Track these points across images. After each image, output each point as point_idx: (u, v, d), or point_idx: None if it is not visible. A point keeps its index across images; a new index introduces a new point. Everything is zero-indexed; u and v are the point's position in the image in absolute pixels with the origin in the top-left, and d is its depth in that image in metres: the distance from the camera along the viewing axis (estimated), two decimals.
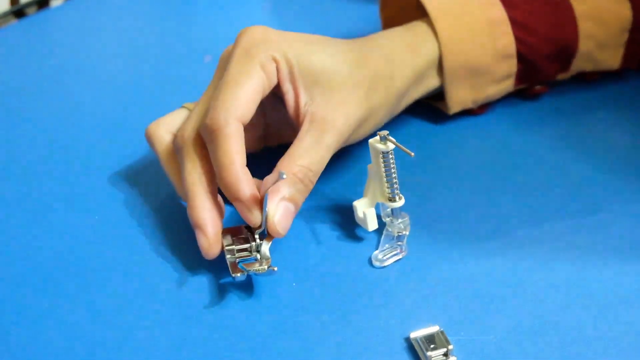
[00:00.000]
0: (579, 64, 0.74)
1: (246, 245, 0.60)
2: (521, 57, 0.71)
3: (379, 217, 0.63)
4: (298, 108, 0.62)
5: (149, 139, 0.65)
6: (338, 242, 0.63)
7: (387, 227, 0.63)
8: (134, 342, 0.56)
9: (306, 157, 0.61)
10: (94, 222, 0.66)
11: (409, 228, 0.63)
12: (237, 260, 0.59)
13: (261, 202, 0.59)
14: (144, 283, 0.61)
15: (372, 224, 0.62)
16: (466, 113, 0.75)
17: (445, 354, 0.54)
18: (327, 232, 0.64)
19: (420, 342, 0.55)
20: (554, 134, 0.73)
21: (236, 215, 0.62)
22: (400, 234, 0.62)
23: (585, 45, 0.72)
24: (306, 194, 0.61)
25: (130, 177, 0.70)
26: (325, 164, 0.62)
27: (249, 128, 0.62)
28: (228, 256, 0.59)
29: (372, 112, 0.65)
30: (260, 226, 0.59)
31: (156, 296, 0.60)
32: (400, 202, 0.62)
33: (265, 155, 0.67)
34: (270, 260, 0.59)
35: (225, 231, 0.61)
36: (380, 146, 0.60)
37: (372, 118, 0.65)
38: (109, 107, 0.80)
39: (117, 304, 0.59)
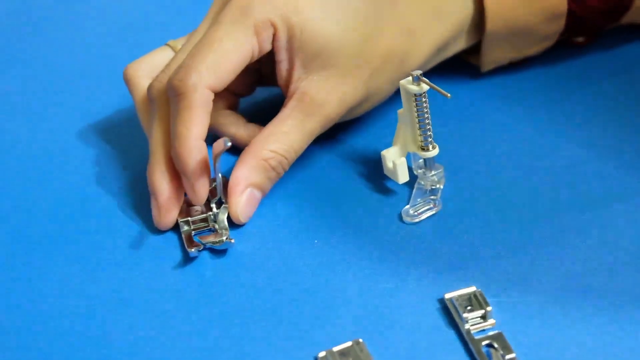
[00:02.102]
0: (630, 17, 0.68)
1: (203, 216, 0.56)
2: (571, 15, 0.64)
3: (410, 169, 0.58)
4: (290, 81, 0.57)
5: (127, 82, 0.60)
6: (365, 196, 0.58)
7: (419, 180, 0.57)
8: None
9: (283, 142, 0.56)
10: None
11: (443, 181, 0.57)
12: (193, 232, 0.55)
13: (207, 172, 0.55)
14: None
15: (403, 176, 0.57)
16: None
17: (483, 316, 0.49)
18: (353, 185, 0.59)
19: (455, 303, 0.50)
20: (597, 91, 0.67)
21: None
22: (433, 187, 0.57)
23: None
24: (276, 181, 0.57)
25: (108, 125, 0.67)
26: (303, 149, 0.57)
27: (243, 75, 0.58)
28: (184, 228, 0.56)
29: (370, 95, 0.59)
30: (215, 194, 0.55)
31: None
32: (434, 152, 0.56)
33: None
34: (228, 231, 0.55)
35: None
36: (413, 87, 0.54)
37: (370, 102, 0.60)
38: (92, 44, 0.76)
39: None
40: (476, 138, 0.62)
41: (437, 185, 0.57)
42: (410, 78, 0.54)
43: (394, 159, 0.57)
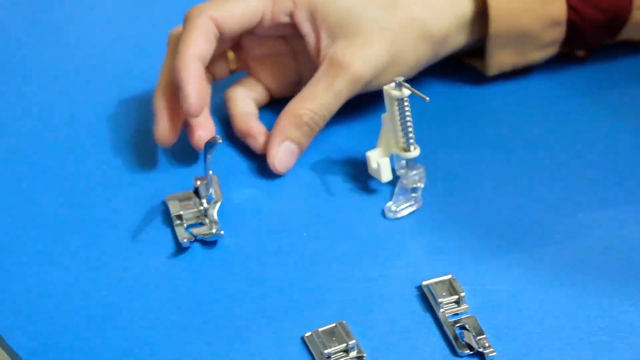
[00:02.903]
0: (628, 33, 0.70)
1: (194, 210, 0.60)
2: (571, 25, 0.67)
3: (393, 169, 0.62)
4: (319, 50, 0.62)
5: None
6: (351, 194, 0.62)
7: (401, 179, 0.61)
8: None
9: (315, 100, 0.60)
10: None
11: (424, 180, 0.61)
12: (185, 225, 0.59)
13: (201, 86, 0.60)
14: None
15: (386, 175, 0.61)
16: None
17: (457, 302, 0.53)
18: (340, 183, 0.62)
19: (431, 290, 0.53)
20: (595, 100, 0.70)
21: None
22: (414, 186, 0.61)
23: (638, 15, 0.68)
24: (311, 137, 0.61)
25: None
26: (335, 109, 0.61)
27: (280, 70, 0.64)
28: (176, 222, 0.59)
29: (397, 58, 0.63)
30: (207, 190, 0.59)
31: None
32: (415, 153, 0.60)
33: None
34: (218, 224, 0.58)
35: (174, 197, 0.60)
36: (395, 93, 0.58)
37: (398, 65, 0.63)
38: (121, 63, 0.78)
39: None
40: (456, 141, 0.66)
41: (418, 184, 0.61)
42: (392, 84, 0.58)
43: (378, 160, 0.61)
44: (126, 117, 0.70)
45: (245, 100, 0.66)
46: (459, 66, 0.71)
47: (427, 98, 0.57)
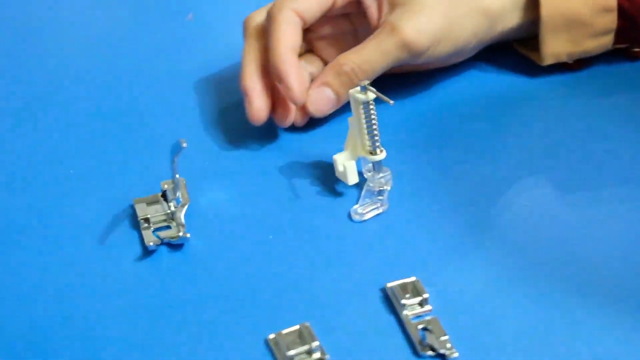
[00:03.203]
0: None
1: (161, 213, 0.60)
2: (622, 12, 0.68)
3: (361, 173, 0.62)
4: (379, 19, 0.66)
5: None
6: (317, 197, 0.62)
7: (368, 182, 0.62)
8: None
9: (360, 53, 0.64)
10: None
11: (390, 183, 0.62)
12: (152, 228, 0.59)
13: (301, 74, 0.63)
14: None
15: (352, 178, 0.61)
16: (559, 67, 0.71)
17: (421, 303, 0.53)
18: (307, 186, 0.63)
19: (395, 292, 0.54)
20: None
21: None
22: (381, 189, 0.61)
23: None
24: (348, 87, 0.62)
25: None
26: (379, 67, 0.64)
27: (341, 47, 0.66)
28: (144, 225, 0.59)
29: (452, 28, 0.65)
30: (175, 193, 0.60)
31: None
32: (381, 156, 0.60)
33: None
34: (185, 226, 0.58)
35: (141, 200, 0.61)
36: (361, 96, 0.58)
37: (453, 35, 0.65)
38: (89, 67, 0.78)
39: None
40: (423, 144, 0.66)
41: (385, 187, 0.61)
42: (358, 87, 0.59)
43: (344, 162, 0.61)
44: (95, 120, 0.70)
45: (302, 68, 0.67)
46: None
47: (392, 102, 0.57)
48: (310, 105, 0.64)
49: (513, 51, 0.72)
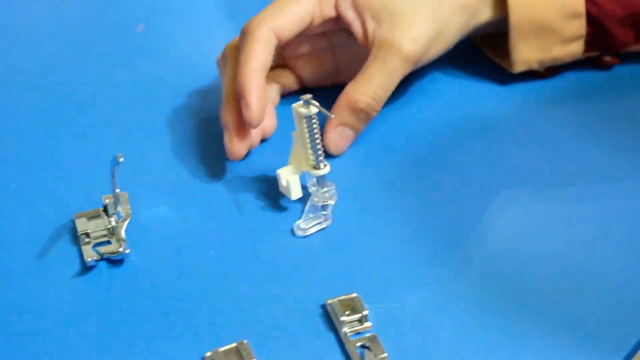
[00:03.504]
0: None
1: (102, 227, 0.59)
2: (591, 19, 0.68)
3: (305, 188, 0.61)
4: (366, 35, 0.64)
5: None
6: (261, 212, 0.61)
7: (312, 196, 0.61)
8: None
9: (370, 83, 0.63)
10: None
11: (335, 197, 0.61)
12: (92, 243, 0.58)
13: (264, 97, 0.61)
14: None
15: (296, 193, 0.61)
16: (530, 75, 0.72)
17: (360, 320, 0.53)
18: (251, 201, 0.62)
19: (335, 308, 0.53)
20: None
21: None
22: (325, 203, 0.61)
23: None
24: (368, 121, 0.63)
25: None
26: (391, 89, 0.64)
27: (317, 63, 0.67)
28: (84, 240, 0.58)
29: (440, 31, 0.65)
30: (115, 208, 0.59)
31: None
32: (325, 170, 0.60)
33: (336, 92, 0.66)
34: (125, 242, 0.58)
35: (82, 215, 0.60)
36: (303, 110, 0.58)
37: (442, 37, 0.65)
38: (33, 77, 0.77)
39: None
40: (366, 159, 0.66)
41: (329, 202, 0.61)
42: (301, 102, 0.58)
43: (288, 177, 0.60)
44: (39, 132, 0.69)
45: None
46: None
47: (332, 115, 0.57)
48: (331, 146, 0.64)
49: (482, 58, 0.73)
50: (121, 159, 0.55)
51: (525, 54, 0.69)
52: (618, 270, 0.56)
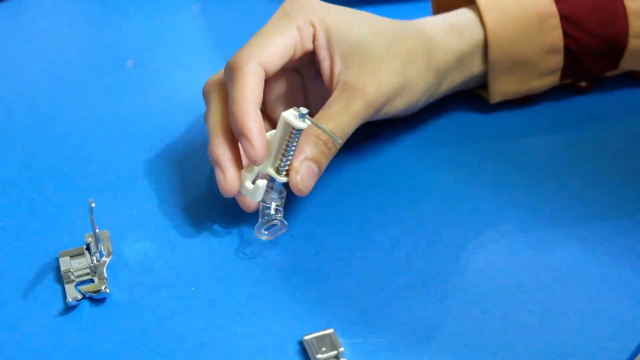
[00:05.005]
0: (628, 63, 0.71)
1: (85, 266, 0.60)
2: (568, 52, 0.69)
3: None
4: (332, 76, 0.64)
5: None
6: (241, 247, 0.62)
7: (263, 199, 0.61)
8: None
9: (331, 122, 0.61)
10: None
11: (283, 202, 0.62)
12: (76, 282, 0.59)
13: (263, 132, 0.60)
14: None
15: (260, 196, 0.61)
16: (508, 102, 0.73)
17: (336, 357, 0.53)
18: (232, 236, 0.63)
19: (311, 344, 0.54)
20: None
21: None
22: (278, 207, 0.61)
23: (635, 43, 0.69)
24: (329, 157, 0.62)
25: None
26: (351, 131, 0.62)
27: (291, 103, 0.65)
28: (68, 279, 0.59)
29: (407, 85, 0.65)
30: (97, 247, 0.59)
31: None
32: (285, 179, 0.60)
33: None
34: (106, 280, 0.58)
35: (66, 253, 0.60)
36: (297, 123, 0.58)
37: (407, 91, 0.65)
38: (19, 114, 0.77)
39: None
40: (340, 192, 0.67)
41: (279, 207, 0.61)
42: (296, 113, 0.58)
43: (258, 181, 0.60)
44: (25, 168, 0.70)
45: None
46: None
47: (332, 133, 0.60)
48: (302, 186, 0.60)
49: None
50: (93, 204, 0.55)
51: (503, 87, 0.70)
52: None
